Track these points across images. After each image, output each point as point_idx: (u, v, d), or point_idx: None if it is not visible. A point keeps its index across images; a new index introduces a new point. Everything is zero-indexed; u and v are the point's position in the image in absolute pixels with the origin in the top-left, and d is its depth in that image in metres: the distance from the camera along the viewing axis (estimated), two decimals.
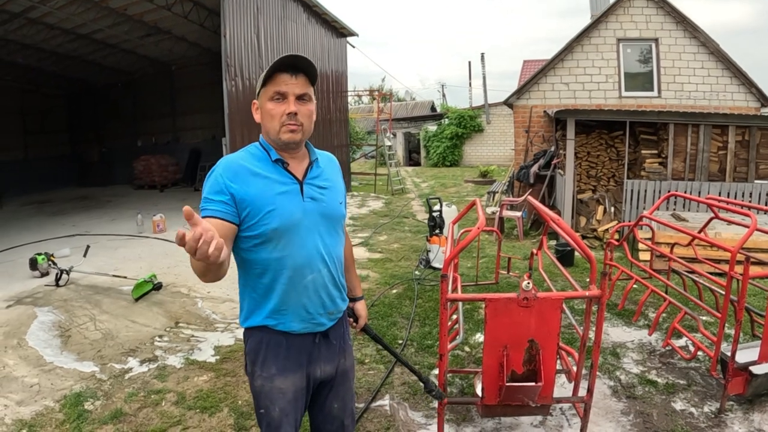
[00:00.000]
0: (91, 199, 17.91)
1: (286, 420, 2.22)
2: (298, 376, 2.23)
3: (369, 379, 4.51)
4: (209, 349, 5.24)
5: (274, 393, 2.20)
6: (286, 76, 2.05)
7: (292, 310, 2.16)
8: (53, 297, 6.76)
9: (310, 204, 2.15)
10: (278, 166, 2.13)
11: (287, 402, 2.21)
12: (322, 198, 2.20)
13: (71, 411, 4.04)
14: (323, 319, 2.25)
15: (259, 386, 2.22)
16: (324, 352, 2.30)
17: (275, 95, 2.06)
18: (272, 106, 2.08)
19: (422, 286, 7.09)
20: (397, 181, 19.58)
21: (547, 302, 2.92)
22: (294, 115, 2.06)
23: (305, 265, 2.13)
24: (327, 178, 2.28)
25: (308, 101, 2.12)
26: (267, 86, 2.09)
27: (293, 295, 2.14)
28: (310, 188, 2.17)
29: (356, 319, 2.66)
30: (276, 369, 2.19)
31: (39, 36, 15.65)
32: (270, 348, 2.18)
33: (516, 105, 12.89)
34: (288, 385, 2.20)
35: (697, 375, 4.50)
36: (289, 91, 2.05)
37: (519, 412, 3.41)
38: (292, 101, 2.06)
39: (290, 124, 2.07)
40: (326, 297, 2.23)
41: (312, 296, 2.18)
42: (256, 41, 13.27)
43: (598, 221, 9.78)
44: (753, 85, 11.81)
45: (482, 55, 33.02)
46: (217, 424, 3.88)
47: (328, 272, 2.22)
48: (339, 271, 2.32)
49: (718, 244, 4.40)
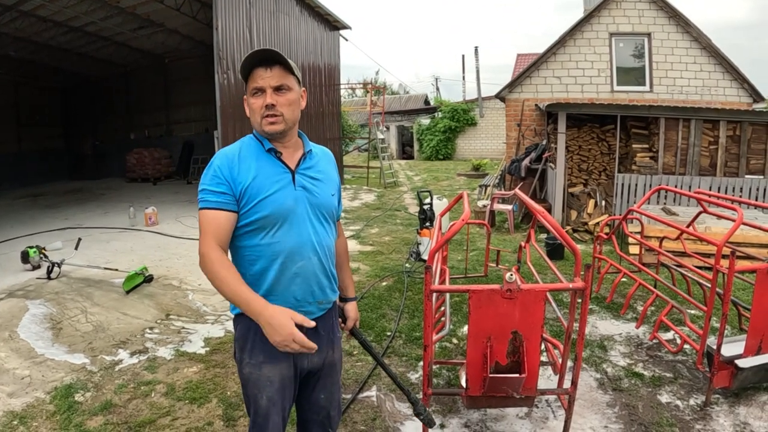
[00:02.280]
0: (84, 192, 17.85)
1: (274, 409, 2.24)
2: (286, 364, 2.25)
3: (357, 371, 4.54)
4: (199, 340, 5.27)
5: (262, 381, 2.23)
6: (261, 71, 2.14)
7: (281, 297, 2.19)
8: (45, 290, 6.76)
9: (302, 193, 2.20)
10: (271, 155, 2.20)
11: (275, 390, 2.24)
12: (314, 188, 2.25)
13: (62, 402, 4.05)
14: (312, 307, 2.28)
15: (247, 373, 2.25)
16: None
17: (254, 90, 2.15)
18: (253, 101, 2.17)
19: (412, 278, 7.12)
20: (390, 174, 19.59)
21: (531, 294, 2.95)
22: (272, 107, 2.13)
23: (296, 251, 2.18)
24: (321, 170, 2.33)
25: (288, 90, 2.17)
26: (248, 82, 2.18)
27: (283, 282, 2.19)
28: (302, 177, 2.23)
29: (345, 319, 2.66)
30: (264, 356, 2.22)
31: (31, 29, 15.54)
32: (258, 335, 2.18)
33: (508, 98, 12.92)
34: (275, 374, 2.23)
35: (683, 368, 4.54)
36: (265, 84, 2.13)
37: (504, 403, 3.43)
38: (269, 94, 2.13)
39: (269, 116, 2.14)
40: (315, 285, 2.27)
41: (301, 284, 2.22)
42: (248, 34, 13.22)
43: (589, 215, 9.83)
44: (745, 81, 11.87)
45: (476, 48, 33.16)
46: (206, 414, 3.90)
47: (318, 261, 2.26)
48: (330, 261, 2.35)
49: (705, 237, 4.44)
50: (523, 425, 3.76)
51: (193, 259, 8.24)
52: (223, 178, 2.10)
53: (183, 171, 20.87)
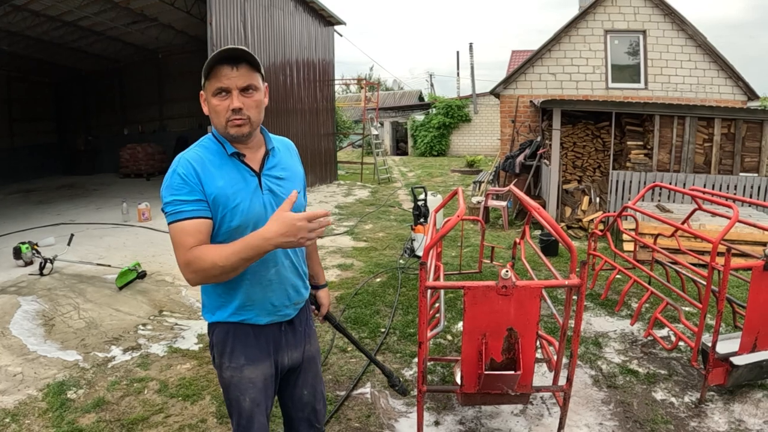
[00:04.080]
0: (77, 188, 17.75)
1: (258, 409, 2.22)
2: (267, 364, 2.23)
3: (351, 367, 4.53)
4: (192, 337, 5.24)
5: (244, 383, 2.19)
6: (227, 69, 1.98)
7: (258, 305, 2.15)
8: (37, 286, 6.71)
9: (269, 197, 2.11)
10: (235, 159, 2.07)
11: (258, 391, 2.21)
12: (280, 189, 2.15)
13: (54, 400, 4.02)
14: (289, 310, 2.26)
15: (228, 377, 2.21)
16: (290, 340, 2.31)
17: (217, 90, 1.99)
18: (216, 102, 2.01)
19: (406, 274, 7.11)
20: (384, 170, 19.58)
21: (526, 291, 2.93)
22: (239, 110, 1.99)
23: (269, 258, 2.08)
24: (285, 167, 2.24)
25: (254, 91, 2.04)
26: (210, 80, 2.00)
27: (258, 290, 2.13)
28: (267, 180, 2.13)
29: (318, 307, 2.66)
30: (245, 359, 2.19)
31: (24, 23, 15.46)
32: (238, 339, 2.18)
33: (503, 95, 12.91)
34: (257, 375, 2.20)
35: (678, 365, 4.54)
36: (231, 85, 1.98)
37: (498, 400, 3.43)
38: (235, 96, 1.99)
39: (235, 119, 2.00)
40: (291, 288, 2.24)
41: (276, 290, 2.17)
42: (242, 29, 13.19)
43: (584, 211, 9.84)
44: (740, 79, 11.89)
45: (470, 45, 33.15)
46: (199, 411, 3.88)
47: (291, 263, 2.22)
48: (301, 260, 2.32)
49: (700, 235, 4.44)
50: (517, 422, 3.76)
51: None
52: (192, 185, 1.96)
53: None
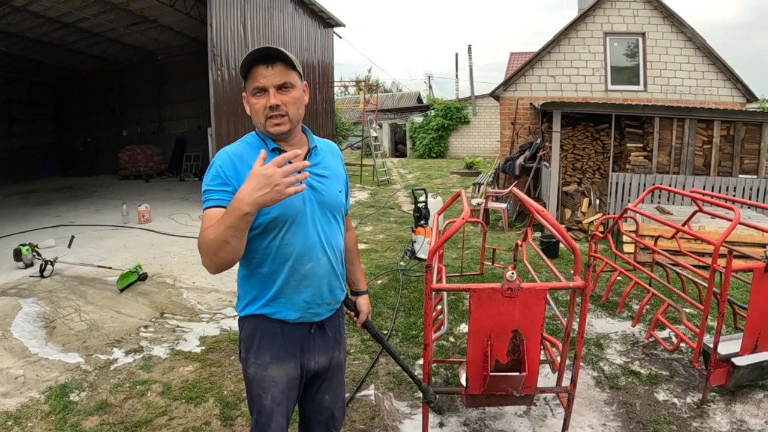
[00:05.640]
0: (76, 190, 17.71)
1: (278, 409, 2.21)
2: (292, 365, 2.22)
3: (354, 369, 4.53)
4: (195, 339, 5.24)
5: (267, 381, 2.19)
6: (262, 68, 2.03)
7: (290, 299, 2.15)
8: (38, 288, 6.70)
9: (309, 192, 2.12)
10: (275, 155, 2.04)
11: (280, 391, 2.20)
12: (321, 186, 2.18)
13: (57, 402, 4.02)
14: (320, 309, 2.24)
15: (252, 373, 2.22)
16: (319, 343, 2.29)
17: (255, 90, 2.05)
18: (255, 101, 2.06)
19: (407, 276, 7.11)
20: (383, 172, 19.55)
21: (531, 293, 2.94)
22: (276, 107, 2.04)
23: (305, 253, 2.12)
24: (327, 166, 2.26)
25: (291, 88, 2.07)
26: (248, 81, 2.07)
27: (291, 284, 2.14)
28: (309, 176, 2.13)
29: (357, 313, 2.64)
30: (270, 357, 2.19)
31: (24, 24, 15.45)
32: (265, 335, 2.18)
33: (502, 97, 12.93)
34: (281, 374, 2.20)
35: (679, 366, 4.55)
36: (267, 83, 2.02)
37: (503, 402, 3.43)
38: (272, 93, 2.03)
39: (273, 117, 2.05)
40: (325, 287, 2.23)
41: (310, 285, 2.17)
42: (242, 31, 13.20)
43: (583, 213, 9.85)
44: (739, 81, 11.92)
45: (469, 46, 33.26)
46: (203, 414, 3.88)
47: (328, 261, 2.21)
48: (339, 260, 2.31)
49: (701, 237, 4.44)
50: (521, 423, 3.76)
51: (187, 257, 8.21)
52: (225, 177, 2.01)
53: (175, 168, 20.81)
